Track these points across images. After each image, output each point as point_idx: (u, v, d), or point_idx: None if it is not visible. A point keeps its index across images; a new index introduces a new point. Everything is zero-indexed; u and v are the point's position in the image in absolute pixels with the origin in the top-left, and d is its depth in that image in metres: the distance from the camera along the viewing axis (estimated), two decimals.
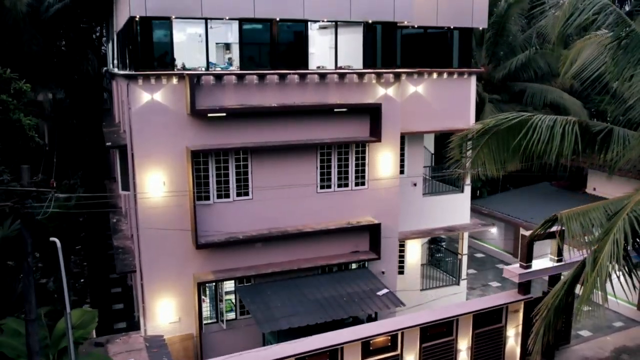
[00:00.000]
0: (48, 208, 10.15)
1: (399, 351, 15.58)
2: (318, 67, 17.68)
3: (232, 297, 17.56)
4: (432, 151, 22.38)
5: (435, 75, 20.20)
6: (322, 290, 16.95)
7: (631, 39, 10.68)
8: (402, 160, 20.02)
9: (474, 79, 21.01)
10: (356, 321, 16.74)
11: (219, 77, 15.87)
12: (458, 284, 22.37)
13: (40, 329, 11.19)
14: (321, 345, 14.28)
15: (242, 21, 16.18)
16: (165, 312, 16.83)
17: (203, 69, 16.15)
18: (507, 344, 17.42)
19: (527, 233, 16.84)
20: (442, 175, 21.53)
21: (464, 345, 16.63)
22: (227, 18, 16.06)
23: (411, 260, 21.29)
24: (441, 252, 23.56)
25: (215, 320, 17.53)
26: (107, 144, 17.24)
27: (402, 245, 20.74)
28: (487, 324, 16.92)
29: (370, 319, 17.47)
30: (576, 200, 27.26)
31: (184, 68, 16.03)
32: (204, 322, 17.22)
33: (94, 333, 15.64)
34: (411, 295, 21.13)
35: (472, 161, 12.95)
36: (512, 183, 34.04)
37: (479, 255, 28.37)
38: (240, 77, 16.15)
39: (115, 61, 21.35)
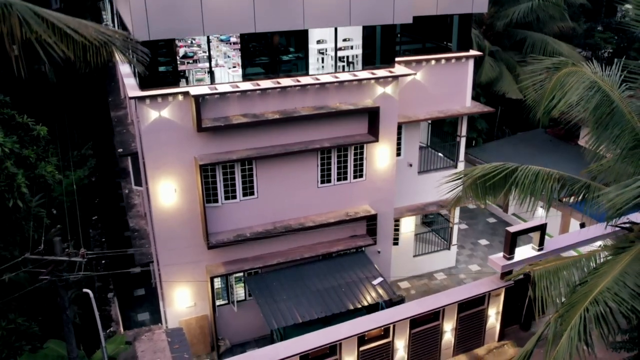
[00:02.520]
0: (79, 272, 11.53)
1: (390, 338, 17.64)
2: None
3: (242, 281, 19.39)
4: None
5: (433, 62, 20.55)
6: (323, 279, 18.73)
7: (612, 116, 11.42)
8: (398, 144, 20.99)
9: (471, 62, 21.33)
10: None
11: (223, 88, 16.49)
12: (449, 249, 24.21)
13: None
14: (321, 342, 16.24)
15: (243, 35, 16.49)
16: (182, 298, 18.76)
17: (206, 74, 16.69)
18: (488, 322, 19.48)
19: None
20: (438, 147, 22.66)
21: (449, 327, 18.68)
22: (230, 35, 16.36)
23: (405, 232, 22.92)
24: (434, 222, 25.08)
25: (227, 302, 19.51)
26: (119, 150, 18.18)
27: (397, 219, 22.24)
28: (471, 308, 18.85)
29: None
30: (567, 153, 28.41)
31: (187, 79, 16.58)
32: (217, 304, 19.20)
33: (122, 327, 17.69)
34: (405, 262, 23.13)
35: (462, 194, 14.22)
36: (508, 125, 34.86)
37: (471, 206, 29.94)
38: (243, 86, 16.74)
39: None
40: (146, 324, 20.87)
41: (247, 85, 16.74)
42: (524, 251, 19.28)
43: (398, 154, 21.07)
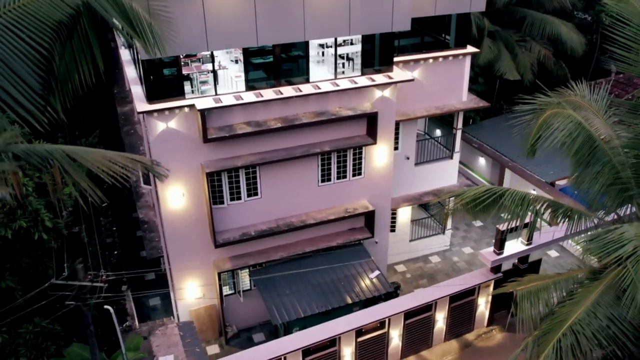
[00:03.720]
0: (100, 294, 12.67)
1: (386, 329, 19.03)
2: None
3: (247, 269, 20.57)
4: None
5: (431, 60, 21.03)
6: (323, 273, 19.93)
7: (594, 154, 12.23)
8: (396, 139, 21.73)
9: (469, 58, 21.78)
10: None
11: (227, 100, 17.15)
12: (443, 233, 25.36)
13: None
14: (322, 337, 17.62)
15: (245, 49, 17.01)
16: (191, 290, 20.01)
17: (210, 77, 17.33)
18: (478, 310, 20.85)
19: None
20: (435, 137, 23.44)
21: (440, 316, 20.06)
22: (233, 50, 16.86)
23: (402, 219, 23.98)
24: (430, 207, 26.06)
25: (233, 291, 20.79)
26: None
27: (394, 210, 23.24)
28: (461, 299, 20.18)
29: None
30: None
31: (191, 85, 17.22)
32: (224, 294, 20.49)
33: (137, 320, 19.03)
34: (401, 246, 24.33)
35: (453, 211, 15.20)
36: (505, 99, 35.29)
37: (467, 183, 30.84)
38: (247, 98, 17.39)
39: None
40: (157, 309, 22.27)
41: (250, 96, 17.38)
42: (513, 245, 20.43)
43: (396, 148, 21.83)
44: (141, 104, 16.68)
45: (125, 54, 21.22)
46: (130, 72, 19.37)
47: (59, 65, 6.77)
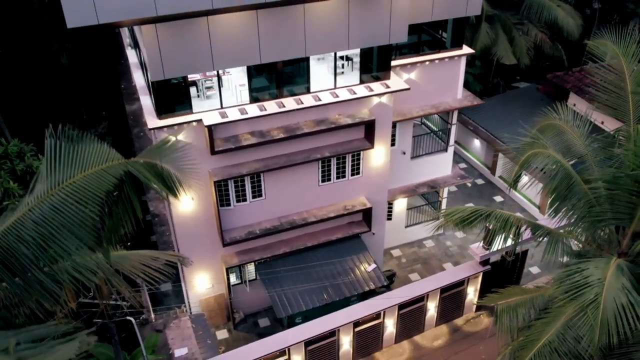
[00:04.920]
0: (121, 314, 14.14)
1: (381, 319, 20.68)
2: None
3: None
4: None
5: (427, 62, 21.78)
6: (324, 266, 21.42)
7: (571, 189, 13.39)
8: (393, 136, 22.76)
9: (464, 58, 22.50)
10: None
11: (232, 115, 18.13)
12: (437, 219, 26.65)
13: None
14: (323, 330, 19.26)
15: (249, 66, 17.85)
16: (201, 282, 21.57)
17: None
18: (467, 298, 22.47)
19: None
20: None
21: (432, 305, 21.69)
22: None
23: (398, 208, 25.30)
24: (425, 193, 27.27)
25: (240, 281, 22.36)
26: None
27: (391, 202, 24.51)
28: (452, 289, 21.75)
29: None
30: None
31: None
32: (231, 284, 22.06)
33: (152, 314, 20.61)
34: (397, 232, 25.77)
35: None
36: (503, 77, 35.95)
37: (462, 165, 32.03)
38: (251, 111, 18.36)
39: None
40: (169, 295, 23.91)
41: (254, 109, 18.33)
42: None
43: (392, 144, 22.90)
44: (152, 120, 17.68)
45: (132, 55, 21.99)
46: (138, 78, 20.24)
47: (108, 223, 7.91)
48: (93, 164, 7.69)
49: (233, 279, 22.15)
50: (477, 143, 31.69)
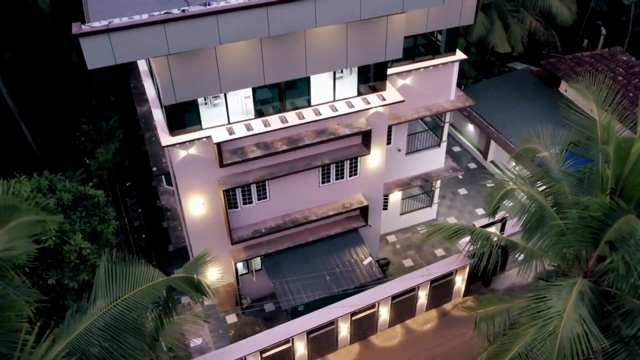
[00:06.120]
0: None
1: (376, 309, 22.77)
2: None
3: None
4: None
5: (422, 69, 22.96)
6: (324, 259, 23.37)
7: (543, 219, 15.06)
8: (389, 135, 24.21)
9: (457, 63, 23.64)
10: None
11: (239, 131, 19.58)
12: (430, 206, 28.50)
13: None
14: (323, 321, 21.36)
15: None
16: (212, 273, 23.50)
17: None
18: (455, 285, 24.50)
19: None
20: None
21: (423, 294, 23.72)
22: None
23: (393, 199, 27.02)
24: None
25: (247, 271, 24.37)
26: (154, 168, 21.63)
27: (386, 195, 26.17)
28: (441, 279, 23.73)
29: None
30: (547, 102, 31.26)
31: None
32: (239, 274, 24.07)
33: None
34: (392, 219, 27.61)
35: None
36: (498, 57, 36.83)
37: (456, 149, 33.50)
38: (256, 126, 19.80)
39: None
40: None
41: (259, 124, 19.74)
42: None
43: (388, 143, 24.38)
44: (165, 137, 19.14)
45: (141, 63, 23.15)
46: (149, 87, 21.53)
47: (155, 324, 9.64)
48: (142, 281, 9.54)
49: (241, 268, 24.14)
50: (471, 127, 33.03)
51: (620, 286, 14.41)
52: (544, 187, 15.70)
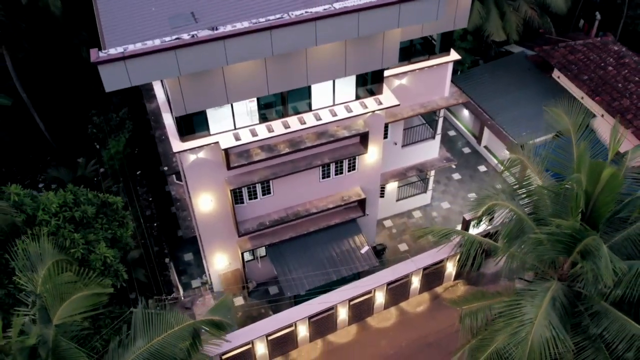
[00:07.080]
0: None
1: (372, 294, 24.66)
2: None
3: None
4: None
5: (417, 70, 24.09)
6: (324, 248, 25.09)
7: (522, 230, 16.65)
8: (386, 130, 25.52)
9: (451, 63, 24.74)
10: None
11: (245, 137, 20.96)
12: (425, 192, 30.06)
13: None
14: (323, 307, 23.27)
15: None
16: (220, 261, 25.39)
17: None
18: (446, 271, 26.33)
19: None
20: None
21: (416, 279, 25.58)
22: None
23: (389, 188, 28.55)
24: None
25: (252, 258, 26.16)
26: (165, 168, 23.07)
27: (383, 185, 27.66)
28: (433, 267, 25.55)
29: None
30: (541, 87, 32.34)
31: None
32: (245, 260, 25.87)
33: (181, 290, 24.52)
34: (388, 205, 29.23)
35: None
36: (496, 41, 37.54)
37: (452, 133, 34.77)
38: (260, 131, 21.17)
39: None
40: (192, 264, 27.81)
41: (263, 130, 21.09)
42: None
43: (385, 137, 25.72)
44: (176, 143, 20.54)
45: None
46: (159, 91, 22.78)
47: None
48: (173, 324, 11.26)
49: (247, 256, 25.93)
50: (465, 112, 34.20)
51: (590, 290, 16.16)
52: (525, 200, 17.26)
